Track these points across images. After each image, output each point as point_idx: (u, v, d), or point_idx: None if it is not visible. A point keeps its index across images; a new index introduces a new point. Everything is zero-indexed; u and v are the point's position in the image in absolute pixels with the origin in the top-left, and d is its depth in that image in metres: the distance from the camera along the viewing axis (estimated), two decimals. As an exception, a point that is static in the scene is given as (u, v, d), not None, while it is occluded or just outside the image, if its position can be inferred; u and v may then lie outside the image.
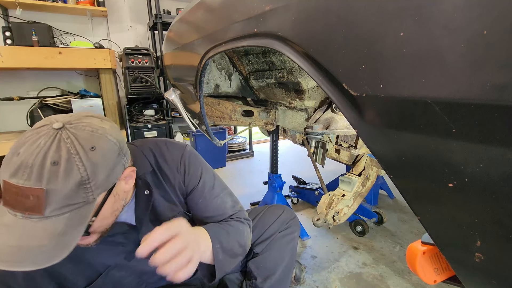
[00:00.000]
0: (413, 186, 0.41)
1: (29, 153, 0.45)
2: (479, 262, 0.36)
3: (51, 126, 0.48)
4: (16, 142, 0.47)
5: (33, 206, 0.43)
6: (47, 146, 0.45)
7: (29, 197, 0.43)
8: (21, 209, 0.44)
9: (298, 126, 1.24)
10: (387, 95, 0.38)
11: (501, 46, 0.27)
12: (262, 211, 1.00)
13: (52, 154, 0.45)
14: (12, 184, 0.43)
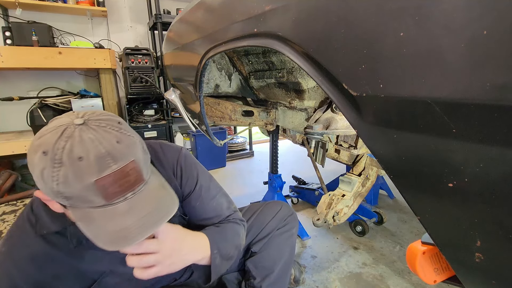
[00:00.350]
0: (413, 186, 0.41)
1: (89, 149, 0.45)
2: (479, 262, 0.36)
3: (74, 123, 0.47)
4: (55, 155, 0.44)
5: (136, 178, 0.48)
6: (95, 136, 0.46)
7: (129, 173, 0.46)
8: (128, 188, 0.47)
9: (298, 126, 1.24)
10: (387, 95, 0.38)
11: (501, 46, 0.27)
12: (260, 208, 0.98)
13: (107, 138, 0.47)
14: (107, 176, 0.45)
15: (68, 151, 0.44)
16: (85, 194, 0.45)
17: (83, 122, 0.47)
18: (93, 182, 0.44)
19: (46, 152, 0.44)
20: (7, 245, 0.59)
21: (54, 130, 0.46)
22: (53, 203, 0.51)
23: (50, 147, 0.44)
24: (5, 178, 2.21)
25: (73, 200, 0.46)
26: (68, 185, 0.44)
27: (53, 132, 0.46)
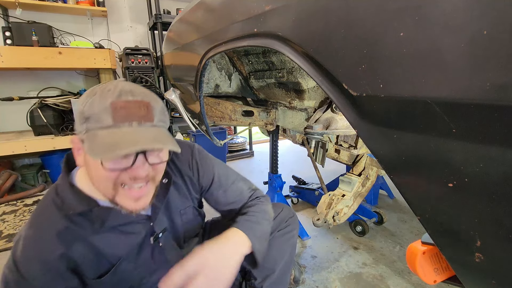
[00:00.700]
0: (413, 186, 0.41)
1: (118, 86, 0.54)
2: (479, 262, 0.36)
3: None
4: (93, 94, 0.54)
5: (146, 115, 0.53)
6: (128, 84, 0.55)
7: (140, 108, 0.53)
8: (136, 118, 0.52)
9: (298, 126, 1.24)
10: (387, 95, 0.38)
11: (501, 46, 0.27)
12: None
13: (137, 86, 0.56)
14: (122, 101, 0.52)
15: (103, 88, 0.54)
16: (100, 114, 0.51)
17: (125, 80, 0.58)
18: (109, 103, 0.51)
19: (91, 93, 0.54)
20: (34, 225, 0.61)
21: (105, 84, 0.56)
22: (78, 151, 0.58)
23: (95, 89, 0.54)
24: (5, 178, 2.21)
25: (89, 122, 0.52)
26: (91, 106, 0.52)
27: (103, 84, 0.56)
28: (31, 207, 2.07)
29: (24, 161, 2.66)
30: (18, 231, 1.71)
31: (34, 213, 0.63)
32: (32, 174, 2.39)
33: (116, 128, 0.51)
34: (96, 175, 0.55)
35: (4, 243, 1.60)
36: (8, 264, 0.58)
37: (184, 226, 0.80)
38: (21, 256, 0.57)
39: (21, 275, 0.56)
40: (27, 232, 0.60)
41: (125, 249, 0.67)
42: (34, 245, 0.59)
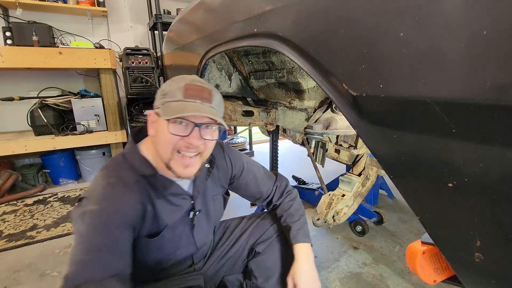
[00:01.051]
0: (413, 186, 0.41)
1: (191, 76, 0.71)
2: (479, 262, 0.36)
3: None
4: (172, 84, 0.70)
5: (208, 98, 0.69)
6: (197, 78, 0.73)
7: (204, 91, 0.69)
8: (199, 98, 0.68)
9: (298, 126, 1.24)
10: (387, 95, 0.38)
11: (501, 46, 0.27)
12: (263, 214, 1.03)
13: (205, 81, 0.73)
14: (194, 84, 0.68)
15: (182, 76, 0.71)
16: (175, 91, 0.67)
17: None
18: (183, 84, 0.67)
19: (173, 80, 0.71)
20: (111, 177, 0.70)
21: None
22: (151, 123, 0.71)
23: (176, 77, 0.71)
24: (5, 178, 2.21)
25: (165, 97, 0.68)
26: (170, 85, 0.69)
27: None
28: (31, 207, 2.08)
29: (24, 161, 2.66)
30: (18, 230, 1.70)
31: (106, 172, 0.71)
32: (32, 174, 2.39)
33: (184, 101, 0.66)
34: (162, 139, 0.68)
35: (4, 243, 1.60)
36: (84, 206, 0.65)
37: (214, 211, 0.90)
38: (104, 194, 0.66)
39: (108, 206, 0.65)
40: (107, 180, 0.69)
41: (171, 219, 0.77)
42: (119, 186, 0.69)
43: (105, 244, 0.62)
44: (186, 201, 0.80)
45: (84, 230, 0.62)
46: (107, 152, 2.63)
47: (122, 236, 0.66)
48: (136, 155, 0.74)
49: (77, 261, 0.59)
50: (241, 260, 0.97)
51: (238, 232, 1.01)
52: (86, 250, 0.60)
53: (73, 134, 2.35)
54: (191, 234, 0.83)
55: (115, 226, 0.64)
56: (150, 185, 0.73)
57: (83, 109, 2.39)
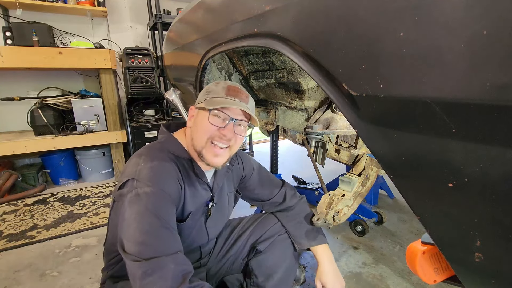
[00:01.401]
0: (413, 186, 0.41)
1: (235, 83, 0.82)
2: (479, 262, 0.36)
3: None
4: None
5: (245, 99, 0.79)
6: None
7: (242, 93, 0.79)
8: (239, 98, 0.77)
9: (298, 126, 1.24)
10: (387, 95, 0.38)
11: (501, 46, 0.27)
12: (264, 215, 1.05)
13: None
14: (235, 86, 0.79)
15: (225, 81, 0.82)
16: (218, 90, 0.77)
17: None
18: (226, 85, 0.78)
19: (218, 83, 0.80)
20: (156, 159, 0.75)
21: None
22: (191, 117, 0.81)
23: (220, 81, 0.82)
24: (5, 178, 2.21)
25: (209, 94, 0.78)
26: (215, 86, 0.79)
27: None
28: (32, 207, 2.08)
29: (24, 161, 2.66)
30: (18, 230, 1.70)
31: (147, 156, 0.76)
32: (33, 174, 2.39)
33: (225, 98, 0.76)
34: (201, 128, 0.77)
35: (4, 243, 1.60)
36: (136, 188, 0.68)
37: (227, 207, 0.95)
38: (153, 176, 0.70)
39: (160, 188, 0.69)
40: (152, 163, 0.73)
41: (195, 206, 0.82)
42: (164, 167, 0.74)
43: (166, 223, 0.67)
44: (207, 192, 0.86)
45: (142, 211, 0.65)
46: (107, 152, 2.63)
47: (174, 216, 0.72)
48: (172, 141, 0.82)
49: (143, 241, 0.63)
50: (241, 258, 0.98)
51: (239, 231, 1.02)
52: (149, 230, 0.64)
53: (73, 134, 2.35)
54: (204, 224, 0.87)
55: (169, 206, 0.70)
56: (185, 169, 0.80)
57: (83, 109, 2.39)
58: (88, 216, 1.91)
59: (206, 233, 0.88)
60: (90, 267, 1.37)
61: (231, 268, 0.98)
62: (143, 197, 0.66)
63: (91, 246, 1.56)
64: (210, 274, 0.95)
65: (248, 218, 1.07)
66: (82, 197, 2.24)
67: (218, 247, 0.99)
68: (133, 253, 0.62)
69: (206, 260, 0.94)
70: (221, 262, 0.97)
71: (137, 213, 0.65)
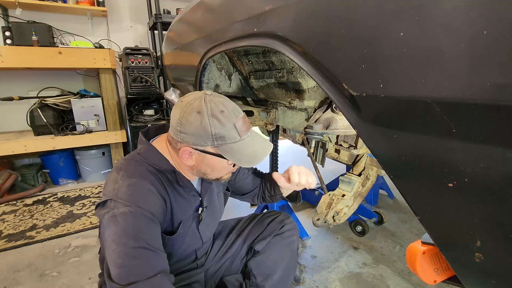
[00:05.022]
0: (413, 186, 0.41)
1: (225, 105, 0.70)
2: (479, 262, 0.36)
3: (206, 94, 0.70)
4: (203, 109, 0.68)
5: (249, 123, 0.74)
6: (222, 99, 0.71)
7: (246, 119, 0.72)
8: (248, 128, 0.73)
9: (298, 126, 1.24)
10: (387, 95, 0.38)
11: (501, 46, 0.27)
12: (261, 214, 1.05)
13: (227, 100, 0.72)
14: (239, 119, 0.70)
15: (214, 108, 0.67)
16: (230, 133, 0.68)
17: (211, 93, 0.70)
18: (233, 124, 0.68)
19: (200, 112, 0.66)
20: (134, 176, 0.71)
21: (197, 99, 0.68)
22: (187, 157, 0.72)
23: (201, 108, 0.66)
24: (5, 178, 2.21)
25: (222, 139, 0.68)
26: (220, 127, 0.67)
27: (197, 100, 0.68)
28: (31, 207, 2.07)
29: (24, 161, 2.66)
30: (18, 231, 1.70)
31: (126, 171, 0.72)
32: (32, 174, 2.39)
33: (242, 141, 0.70)
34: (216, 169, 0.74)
35: (4, 243, 1.60)
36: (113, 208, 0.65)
37: (218, 207, 0.93)
38: (131, 195, 0.67)
39: (138, 206, 0.66)
40: (130, 180, 0.69)
41: (185, 214, 0.80)
42: (143, 184, 0.70)
43: (145, 243, 0.64)
44: (196, 198, 0.83)
45: (119, 232, 0.63)
46: (107, 152, 2.63)
47: (156, 233, 0.68)
48: (153, 153, 0.76)
49: (121, 264, 0.61)
50: (240, 258, 0.98)
51: (237, 231, 1.02)
52: (127, 252, 0.62)
53: (73, 134, 2.35)
54: (197, 229, 0.85)
55: (149, 225, 0.67)
56: (168, 180, 0.76)
57: (82, 109, 2.39)
58: (87, 216, 1.91)
59: (199, 238, 0.87)
60: (89, 267, 1.37)
61: (230, 268, 0.98)
62: (120, 218, 0.64)
63: (91, 246, 1.56)
64: (209, 274, 0.95)
65: (246, 218, 1.07)
66: (82, 197, 2.24)
67: (216, 247, 0.99)
68: (113, 277, 0.61)
69: (203, 260, 0.94)
70: (219, 262, 0.97)
71: (114, 234, 0.63)
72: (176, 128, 0.68)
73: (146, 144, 0.78)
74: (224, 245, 1.00)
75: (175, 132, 0.69)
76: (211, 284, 0.96)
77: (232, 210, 1.94)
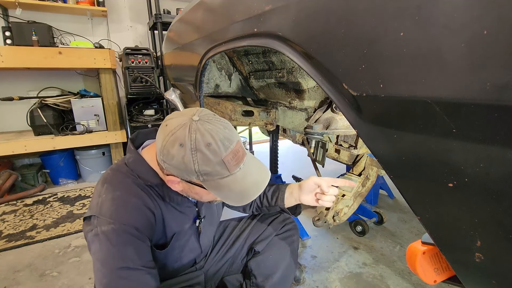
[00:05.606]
0: (413, 186, 0.41)
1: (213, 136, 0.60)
2: (479, 262, 0.36)
3: (193, 120, 0.61)
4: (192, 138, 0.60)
5: (243, 153, 0.64)
6: (211, 127, 0.61)
7: (238, 150, 0.62)
8: (240, 161, 0.63)
9: (298, 126, 1.24)
10: (387, 95, 0.38)
11: (501, 46, 0.27)
12: (261, 214, 1.04)
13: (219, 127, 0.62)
14: (229, 153, 0.60)
15: (199, 141, 0.58)
16: (217, 169, 0.60)
17: (199, 118, 0.61)
18: (221, 159, 0.60)
19: (182, 144, 0.58)
20: (120, 189, 0.67)
21: (182, 127, 0.59)
22: (175, 184, 0.66)
23: (184, 140, 0.58)
24: (5, 178, 2.21)
25: (208, 176, 0.61)
26: (205, 164, 0.59)
27: (181, 128, 0.59)
28: (31, 207, 2.07)
29: (24, 161, 2.66)
30: (18, 231, 1.69)
31: (111, 185, 0.68)
32: (32, 174, 2.39)
33: (232, 176, 0.62)
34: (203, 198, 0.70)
35: (4, 243, 1.60)
36: (97, 226, 0.62)
37: (216, 213, 0.91)
38: (114, 210, 0.63)
39: (122, 223, 0.62)
40: (114, 194, 0.65)
41: (179, 227, 0.76)
42: (127, 198, 0.66)
43: (130, 262, 0.61)
44: (192, 209, 0.80)
45: (104, 251, 0.60)
46: (107, 152, 2.63)
47: (143, 250, 0.65)
48: (141, 165, 0.70)
49: (107, 285, 0.59)
50: (240, 259, 0.98)
51: (237, 231, 1.02)
52: (112, 272, 0.59)
53: (73, 134, 2.35)
54: (196, 240, 0.83)
55: (134, 242, 0.63)
56: (157, 194, 0.71)
57: (82, 109, 2.39)
58: (88, 216, 1.91)
59: (199, 248, 0.85)
60: (89, 267, 1.37)
61: (230, 269, 0.98)
62: (102, 237, 0.61)
63: (91, 246, 1.56)
64: (209, 275, 0.95)
65: (246, 218, 1.07)
66: (82, 197, 2.24)
67: (217, 248, 0.99)
68: None
69: (203, 263, 0.94)
70: (220, 263, 0.97)
71: (99, 252, 0.61)
72: (160, 157, 0.62)
73: (134, 154, 0.72)
74: (225, 246, 0.99)
75: (160, 159, 0.63)
76: (212, 284, 0.95)
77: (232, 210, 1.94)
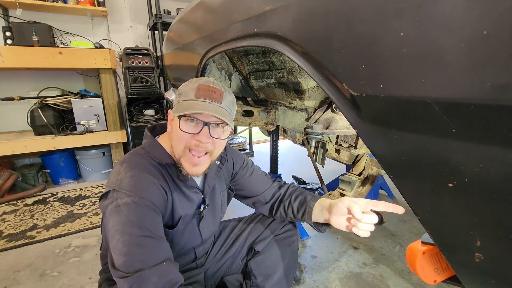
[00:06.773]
0: (413, 186, 0.41)
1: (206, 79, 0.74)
2: (479, 262, 0.36)
3: None
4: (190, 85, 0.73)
5: (217, 98, 0.72)
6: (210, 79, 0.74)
7: (215, 92, 0.72)
8: (210, 98, 0.71)
9: (298, 126, 1.24)
10: (387, 95, 0.38)
11: (501, 46, 0.27)
12: (261, 215, 1.05)
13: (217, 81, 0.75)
14: (206, 85, 0.71)
15: (199, 78, 0.75)
16: (188, 91, 0.71)
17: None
18: (196, 85, 0.71)
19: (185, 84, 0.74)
20: (137, 167, 0.72)
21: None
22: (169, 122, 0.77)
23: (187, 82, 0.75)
24: (5, 178, 2.21)
25: (180, 96, 0.72)
26: (185, 86, 0.73)
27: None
28: (32, 207, 2.08)
29: (24, 161, 2.66)
30: (18, 230, 1.70)
31: (129, 164, 0.74)
32: (32, 174, 2.39)
33: (194, 100, 0.70)
34: (175, 136, 0.73)
35: (4, 243, 1.60)
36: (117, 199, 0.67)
37: (220, 206, 0.93)
38: (134, 185, 0.68)
39: (141, 197, 0.67)
40: (132, 171, 0.71)
41: (184, 211, 0.80)
42: (145, 176, 0.71)
43: (149, 232, 0.65)
44: (198, 195, 0.84)
45: (124, 222, 0.64)
46: (107, 152, 2.63)
47: (159, 223, 0.70)
48: (156, 147, 0.78)
49: (126, 252, 0.62)
50: (240, 258, 0.98)
51: (237, 231, 1.02)
52: (132, 241, 0.63)
53: (73, 134, 2.35)
54: (197, 227, 0.86)
55: (152, 214, 0.68)
56: (169, 175, 0.77)
57: (83, 109, 2.39)
58: (88, 216, 1.91)
59: (199, 235, 0.87)
60: (90, 267, 1.37)
61: (230, 268, 0.98)
62: (123, 207, 0.65)
63: (91, 246, 1.56)
64: (209, 274, 0.95)
65: (246, 218, 1.07)
66: (82, 197, 2.24)
67: (217, 247, 0.99)
68: (118, 266, 0.61)
69: (203, 260, 0.94)
70: (220, 262, 0.97)
71: (118, 224, 0.64)
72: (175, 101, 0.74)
73: (150, 139, 0.80)
74: (225, 245, 1.00)
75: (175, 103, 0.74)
76: (211, 284, 0.96)
77: (233, 210, 1.94)
